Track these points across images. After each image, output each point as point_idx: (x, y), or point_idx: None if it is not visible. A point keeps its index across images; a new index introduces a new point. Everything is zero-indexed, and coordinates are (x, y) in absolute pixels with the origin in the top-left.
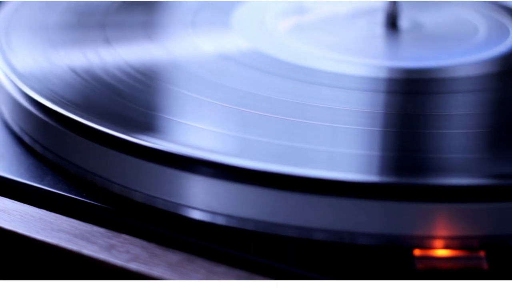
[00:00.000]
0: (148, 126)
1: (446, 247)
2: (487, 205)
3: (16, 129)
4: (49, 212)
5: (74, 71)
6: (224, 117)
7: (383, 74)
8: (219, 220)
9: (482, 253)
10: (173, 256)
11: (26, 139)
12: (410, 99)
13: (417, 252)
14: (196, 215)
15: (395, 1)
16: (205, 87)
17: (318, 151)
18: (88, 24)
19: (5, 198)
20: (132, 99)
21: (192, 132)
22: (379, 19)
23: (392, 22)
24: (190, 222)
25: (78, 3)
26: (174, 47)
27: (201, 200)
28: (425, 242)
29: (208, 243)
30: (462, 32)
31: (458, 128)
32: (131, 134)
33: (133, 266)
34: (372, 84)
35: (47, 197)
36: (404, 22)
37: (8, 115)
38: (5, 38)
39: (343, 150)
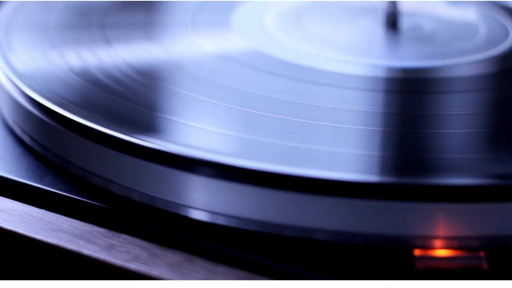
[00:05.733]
0: (148, 126)
1: (446, 247)
2: (487, 205)
3: (16, 129)
4: (49, 212)
5: (74, 71)
6: (224, 117)
7: (383, 73)
8: (219, 220)
9: (482, 253)
10: (173, 256)
11: (26, 139)
12: (410, 99)
13: (417, 252)
14: (196, 215)
15: (395, 1)
16: (205, 87)
17: (319, 151)
18: (88, 24)
19: (5, 198)
20: (132, 99)
21: (192, 132)
22: (379, 19)
23: (392, 22)
24: (190, 222)
25: (78, 3)
26: (174, 47)
27: (201, 200)
28: (425, 242)
29: (208, 243)
30: (462, 32)
31: (458, 128)
32: (131, 134)
33: (133, 266)
34: (373, 84)
35: (47, 197)
36: (404, 22)
37: (8, 115)
38: (5, 38)
39: (343, 150)
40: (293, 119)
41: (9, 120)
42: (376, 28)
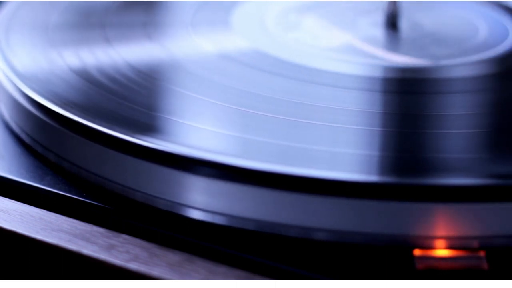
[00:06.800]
0: (148, 126)
1: (446, 247)
2: (487, 205)
3: (16, 129)
4: (49, 212)
5: (74, 71)
6: (224, 117)
7: (383, 73)
8: (219, 220)
9: (482, 253)
10: (173, 256)
11: (26, 139)
12: (410, 99)
13: (417, 252)
14: (196, 215)
15: (395, 1)
16: (205, 87)
17: (318, 151)
18: (88, 24)
19: (5, 198)
20: (132, 99)
21: (192, 132)
22: (379, 19)
23: (392, 22)
24: (190, 222)
25: (78, 3)
26: (174, 47)
27: (201, 200)
28: (425, 242)
29: (208, 243)
30: (462, 32)
31: (458, 128)
32: (131, 134)
33: (133, 266)
34: (372, 84)
35: (47, 197)
36: (404, 22)
37: (8, 115)
38: (5, 38)
39: (343, 150)
40: (292, 119)
41: (9, 120)
42: (376, 28)
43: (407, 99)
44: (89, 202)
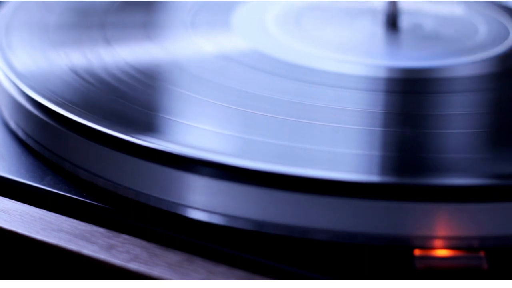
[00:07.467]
0: (148, 126)
1: (446, 247)
2: (487, 205)
3: (16, 129)
4: (49, 212)
5: (74, 71)
6: (224, 117)
7: (383, 74)
8: (219, 220)
9: (482, 253)
10: (173, 256)
11: (26, 139)
12: (410, 99)
13: (417, 252)
14: (196, 215)
15: (395, 1)
16: (205, 87)
17: (318, 151)
18: (88, 24)
19: (5, 198)
20: (132, 99)
21: (192, 132)
22: (379, 19)
23: (392, 22)
24: (190, 222)
25: (78, 3)
26: (174, 47)
27: (201, 200)
28: (425, 242)
29: (208, 243)
30: (462, 32)
31: (458, 128)
32: (131, 134)
33: (133, 266)
34: (373, 84)
35: (47, 197)
36: (404, 22)
37: (8, 115)
38: (5, 38)
39: (343, 150)
40: (293, 119)
41: (9, 120)
42: (376, 28)
43: (407, 99)
44: (89, 202)
